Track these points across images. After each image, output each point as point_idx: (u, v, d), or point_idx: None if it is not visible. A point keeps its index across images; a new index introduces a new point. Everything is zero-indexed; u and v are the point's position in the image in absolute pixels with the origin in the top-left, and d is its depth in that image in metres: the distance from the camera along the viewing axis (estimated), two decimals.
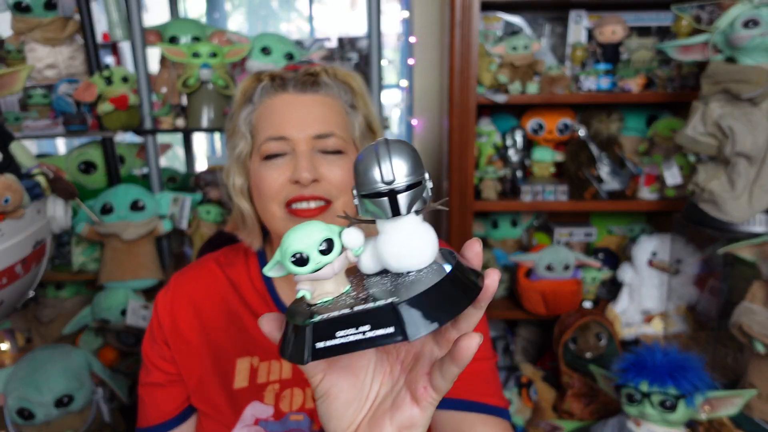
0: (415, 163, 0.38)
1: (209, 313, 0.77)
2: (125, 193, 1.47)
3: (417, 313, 0.35)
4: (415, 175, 0.37)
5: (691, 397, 0.99)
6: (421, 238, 0.39)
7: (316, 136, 0.71)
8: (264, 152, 0.72)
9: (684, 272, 1.45)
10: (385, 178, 0.37)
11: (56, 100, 1.47)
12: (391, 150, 0.37)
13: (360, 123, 0.76)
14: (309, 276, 0.39)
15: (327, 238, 0.39)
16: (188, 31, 1.65)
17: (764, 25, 1.07)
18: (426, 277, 0.38)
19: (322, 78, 0.75)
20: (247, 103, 0.76)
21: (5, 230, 0.99)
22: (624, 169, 1.57)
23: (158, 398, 0.78)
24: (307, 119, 0.71)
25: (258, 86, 0.75)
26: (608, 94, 1.51)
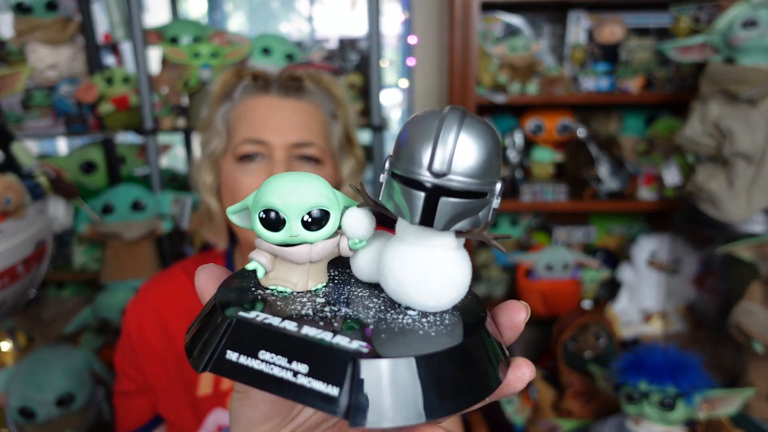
0: (488, 162, 0.25)
1: (175, 323, 0.76)
2: (126, 193, 1.48)
3: (385, 388, 0.22)
4: (480, 181, 0.25)
5: (689, 396, 1.00)
6: (446, 272, 0.27)
7: (295, 144, 0.69)
8: (239, 153, 0.69)
9: (683, 272, 1.45)
10: (435, 165, 0.25)
11: (57, 100, 1.48)
12: (462, 129, 0.25)
13: (339, 133, 0.75)
14: (274, 248, 0.28)
15: (322, 207, 0.28)
16: (189, 31, 1.65)
17: (763, 25, 1.07)
18: (429, 331, 0.26)
19: (305, 84, 0.73)
20: (226, 99, 0.74)
21: (7, 230, 0.99)
22: (623, 170, 1.58)
23: (129, 406, 0.78)
24: (287, 125, 0.69)
25: (239, 84, 0.73)
26: (607, 95, 1.52)
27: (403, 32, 2.17)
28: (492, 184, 0.26)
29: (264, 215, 0.27)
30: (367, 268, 0.30)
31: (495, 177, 0.26)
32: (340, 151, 0.75)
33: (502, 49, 1.55)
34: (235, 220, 0.31)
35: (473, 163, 0.25)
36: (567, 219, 1.80)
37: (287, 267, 0.28)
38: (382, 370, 0.22)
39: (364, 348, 0.23)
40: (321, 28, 2.66)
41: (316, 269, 0.29)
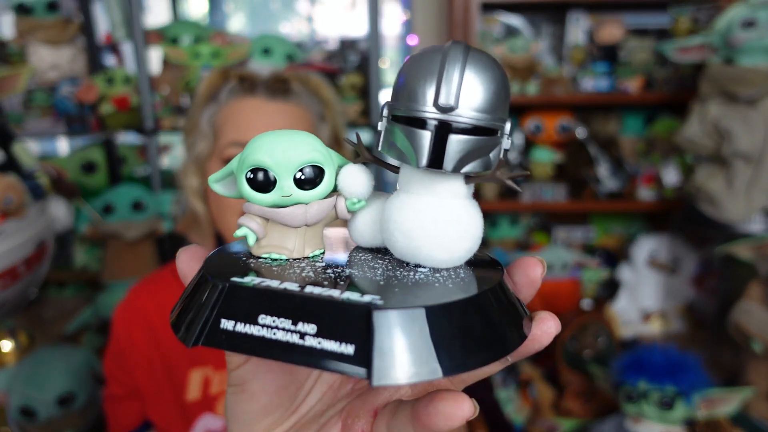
0: (497, 96, 0.23)
1: (163, 326, 0.75)
2: (126, 193, 1.48)
3: (404, 341, 0.20)
4: (490, 116, 0.23)
5: (689, 395, 1.00)
6: (459, 222, 0.24)
7: None
8: (226, 157, 0.68)
9: (682, 272, 1.45)
10: (441, 99, 0.23)
11: (58, 100, 1.48)
12: (468, 61, 0.23)
13: (327, 134, 0.74)
14: (265, 210, 0.25)
15: (315, 162, 0.25)
16: (189, 32, 1.66)
17: (762, 26, 1.08)
18: (443, 286, 0.23)
19: (292, 86, 0.72)
20: (211, 101, 0.72)
21: (8, 230, 0.99)
22: (622, 170, 1.58)
23: (119, 411, 0.77)
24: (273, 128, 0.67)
25: (225, 86, 0.72)
26: (607, 95, 1.52)
27: (403, 32, 2.17)
28: (502, 121, 0.24)
29: (252, 175, 0.25)
30: (368, 231, 0.27)
31: (504, 113, 0.24)
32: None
33: (501, 50, 1.55)
34: (219, 189, 0.29)
35: (482, 96, 0.23)
36: (566, 219, 1.81)
37: (280, 232, 0.26)
38: (399, 321, 0.20)
39: (378, 300, 0.21)
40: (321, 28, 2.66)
41: (312, 233, 0.26)
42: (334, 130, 0.75)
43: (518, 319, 0.25)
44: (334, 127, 0.75)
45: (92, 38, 1.49)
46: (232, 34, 1.65)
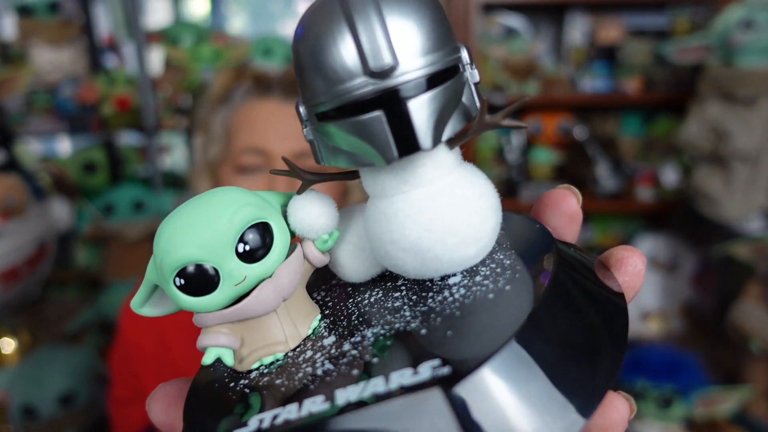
0: (436, 22, 0.17)
1: (172, 330, 0.73)
2: (127, 194, 1.48)
3: (512, 402, 0.14)
4: (441, 52, 0.17)
5: (687, 394, 1.00)
6: (466, 198, 0.18)
7: (298, 153, 0.64)
8: (239, 163, 0.65)
9: (681, 271, 1.46)
10: (372, 62, 0.16)
11: (59, 101, 1.49)
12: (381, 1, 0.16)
13: None
14: (225, 314, 0.18)
15: (255, 220, 0.18)
16: (190, 33, 1.66)
17: (760, 27, 1.08)
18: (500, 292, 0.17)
19: None
20: (225, 102, 0.69)
21: (10, 230, 1.00)
22: (621, 170, 1.58)
23: (125, 414, 0.76)
24: (289, 133, 0.64)
25: (239, 86, 0.69)
26: (606, 96, 1.53)
27: None
28: (456, 51, 0.18)
29: (182, 281, 0.18)
30: (360, 264, 0.21)
31: (453, 40, 0.18)
32: None
33: (501, 50, 1.55)
34: (150, 312, 0.21)
35: (420, 32, 0.17)
36: None
37: (260, 328, 0.19)
38: (487, 382, 0.14)
39: (442, 368, 0.14)
40: None
41: (297, 305, 0.20)
42: None
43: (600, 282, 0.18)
44: None
45: (93, 39, 1.49)
46: (233, 35, 1.65)
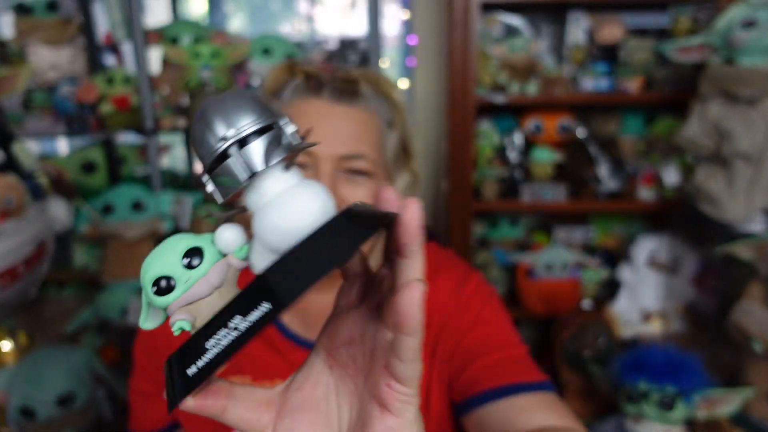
0: (256, 106, 0.29)
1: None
2: (126, 193, 1.48)
3: (294, 268, 0.26)
4: (261, 119, 0.29)
5: (689, 396, 1.00)
6: (298, 195, 0.29)
7: (343, 157, 0.63)
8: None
9: (682, 272, 1.45)
10: (221, 133, 0.28)
11: (58, 101, 1.48)
12: (221, 102, 0.29)
13: (394, 143, 0.68)
14: (180, 300, 0.30)
15: (190, 247, 0.31)
16: (189, 32, 1.65)
17: (762, 26, 1.08)
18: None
19: (361, 87, 0.67)
20: (274, 97, 0.68)
21: (8, 230, 0.99)
22: (622, 170, 1.58)
23: (149, 407, 0.75)
24: (337, 135, 0.63)
25: (290, 82, 0.68)
26: (607, 95, 1.52)
27: (403, 32, 2.17)
28: (273, 118, 0.30)
29: (156, 288, 0.30)
30: (264, 260, 0.30)
31: (272, 113, 0.30)
32: (395, 162, 0.68)
33: (501, 50, 1.55)
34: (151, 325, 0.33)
35: (246, 112, 0.29)
36: (566, 219, 1.81)
37: (205, 307, 0.30)
38: (282, 265, 0.27)
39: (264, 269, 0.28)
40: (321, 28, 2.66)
41: (227, 292, 0.31)
42: (403, 137, 0.70)
43: (383, 213, 0.29)
44: (404, 134, 0.70)
45: (92, 38, 1.48)
46: (232, 34, 1.65)
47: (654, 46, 1.51)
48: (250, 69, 1.56)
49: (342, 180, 0.63)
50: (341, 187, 0.63)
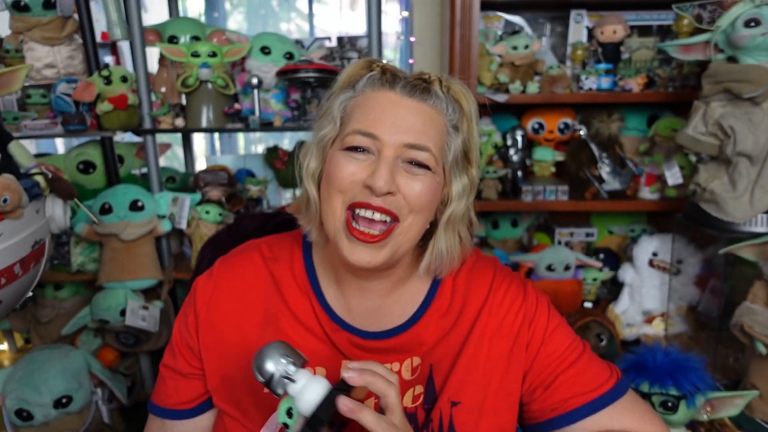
0: (286, 350, 0.57)
1: (247, 310, 0.74)
2: (124, 193, 1.47)
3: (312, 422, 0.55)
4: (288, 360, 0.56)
5: (692, 397, 0.99)
6: (310, 389, 0.55)
7: (408, 145, 0.65)
8: (347, 143, 0.66)
9: (685, 272, 1.44)
10: (270, 369, 0.56)
11: (55, 99, 1.47)
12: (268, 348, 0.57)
13: (458, 147, 0.70)
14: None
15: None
16: (187, 30, 1.64)
17: (765, 24, 1.07)
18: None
19: (433, 87, 0.69)
20: (348, 88, 0.71)
21: (4, 230, 0.98)
22: (625, 169, 1.57)
23: (180, 386, 0.76)
24: (403, 124, 0.66)
25: (366, 74, 0.70)
26: (609, 94, 1.51)
27: (403, 31, 2.16)
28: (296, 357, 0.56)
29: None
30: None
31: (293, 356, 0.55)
32: (454, 166, 0.70)
33: (502, 48, 1.54)
34: None
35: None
36: (568, 219, 1.80)
37: None
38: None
39: None
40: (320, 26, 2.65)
41: None
42: (466, 144, 0.71)
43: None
44: (468, 141, 0.71)
45: (91, 37, 1.47)
46: (231, 32, 1.64)
47: (656, 45, 1.50)
48: (249, 67, 1.55)
49: (401, 171, 0.65)
50: (399, 177, 0.65)
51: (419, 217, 0.66)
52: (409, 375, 0.71)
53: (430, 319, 0.73)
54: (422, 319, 0.73)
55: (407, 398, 0.70)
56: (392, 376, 0.57)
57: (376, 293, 0.74)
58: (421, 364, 0.72)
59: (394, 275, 0.73)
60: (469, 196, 0.72)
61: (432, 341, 0.72)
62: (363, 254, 0.65)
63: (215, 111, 1.52)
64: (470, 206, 0.72)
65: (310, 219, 0.73)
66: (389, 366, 0.70)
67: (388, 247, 0.66)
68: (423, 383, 0.71)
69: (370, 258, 0.65)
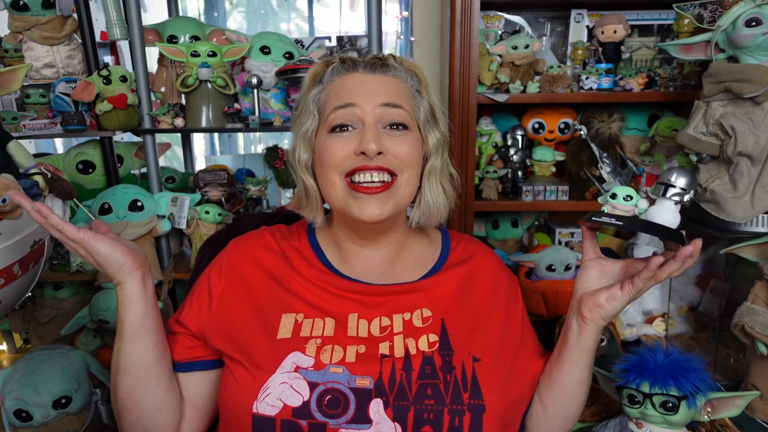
0: None
1: (263, 272, 0.80)
2: (124, 193, 1.47)
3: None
4: None
5: (692, 398, 0.99)
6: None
7: (383, 104, 0.73)
8: (330, 123, 0.74)
9: (685, 273, 1.44)
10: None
11: (54, 99, 1.47)
12: None
13: (425, 109, 0.79)
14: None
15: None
16: (187, 30, 1.64)
17: (767, 24, 1.06)
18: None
19: (390, 62, 0.79)
20: (316, 84, 0.80)
21: (3, 230, 0.98)
22: (625, 169, 1.56)
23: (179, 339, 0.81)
24: (376, 91, 0.74)
25: (328, 68, 0.79)
26: (609, 94, 1.51)
27: (403, 31, 2.16)
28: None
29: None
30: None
31: None
32: (427, 124, 0.79)
33: (502, 48, 1.53)
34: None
35: None
36: (568, 219, 1.79)
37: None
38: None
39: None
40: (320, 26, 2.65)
41: None
42: (431, 106, 0.80)
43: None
44: (431, 103, 0.80)
45: (89, 36, 1.47)
46: (230, 31, 1.63)
47: (657, 44, 1.50)
48: (249, 67, 1.55)
49: (385, 135, 0.73)
50: (385, 141, 0.72)
51: (413, 171, 0.75)
52: (420, 323, 0.76)
53: (440, 281, 0.80)
54: (431, 278, 0.80)
55: (423, 342, 0.74)
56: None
57: (382, 261, 0.81)
58: (432, 316, 0.77)
59: (396, 240, 0.81)
60: (443, 151, 0.81)
61: (442, 297, 0.79)
62: (372, 207, 0.71)
63: (215, 111, 1.52)
64: (447, 161, 0.82)
65: (312, 207, 0.81)
66: (401, 315, 0.76)
67: (393, 198, 0.73)
68: (437, 333, 0.75)
69: (379, 210, 0.72)
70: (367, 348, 0.72)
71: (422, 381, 0.70)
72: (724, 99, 1.15)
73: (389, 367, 0.70)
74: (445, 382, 0.70)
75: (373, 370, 0.70)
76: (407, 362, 0.71)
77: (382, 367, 0.70)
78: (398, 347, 0.73)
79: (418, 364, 0.71)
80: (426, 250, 0.85)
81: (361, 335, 0.74)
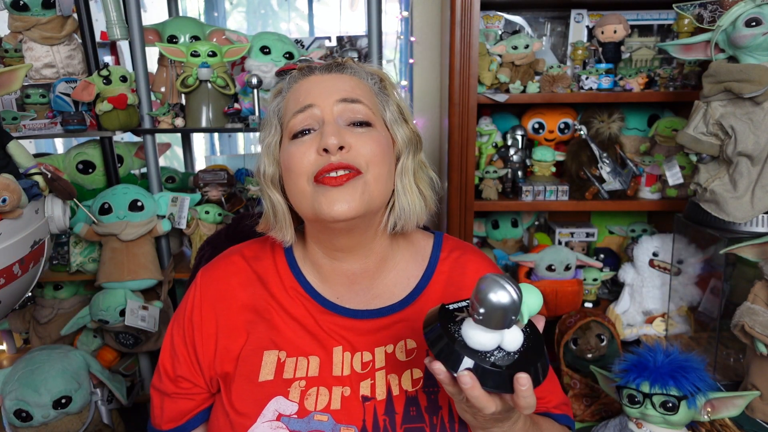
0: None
1: (240, 305, 0.75)
2: (124, 193, 1.47)
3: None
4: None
5: (692, 398, 0.99)
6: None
7: (341, 99, 0.71)
8: (291, 130, 0.71)
9: (685, 273, 1.44)
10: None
11: (54, 99, 1.47)
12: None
13: (393, 109, 0.76)
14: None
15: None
16: (187, 30, 1.64)
17: (766, 24, 1.06)
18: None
19: (348, 64, 0.77)
20: (277, 96, 0.78)
21: (3, 230, 0.98)
22: (625, 169, 1.57)
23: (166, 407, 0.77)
24: (333, 87, 0.72)
25: (286, 78, 0.78)
26: (609, 94, 1.51)
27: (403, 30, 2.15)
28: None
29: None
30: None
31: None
32: (394, 123, 0.76)
33: (502, 48, 1.53)
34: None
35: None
36: (568, 219, 1.79)
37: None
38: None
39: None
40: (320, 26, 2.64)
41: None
42: (399, 105, 0.77)
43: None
44: (399, 103, 0.77)
45: (90, 36, 1.47)
46: (230, 31, 1.63)
47: (657, 44, 1.50)
48: (249, 67, 1.55)
49: (346, 131, 0.69)
50: (348, 137, 0.69)
51: (381, 169, 0.70)
52: (404, 357, 0.72)
53: (424, 304, 0.75)
54: (415, 303, 0.75)
55: (406, 379, 0.70)
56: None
57: (363, 277, 0.76)
58: (416, 348, 0.72)
59: (373, 252, 0.76)
60: (415, 150, 0.77)
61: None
62: (341, 202, 0.66)
63: (215, 111, 1.52)
64: (423, 162, 0.78)
65: (280, 225, 0.76)
66: (383, 348, 0.72)
67: (362, 193, 0.68)
68: (421, 368, 0.71)
69: (347, 205, 0.67)
70: (351, 390, 0.69)
71: (407, 425, 0.66)
72: (724, 99, 1.15)
73: (371, 413, 0.67)
74: (431, 426, 0.67)
75: (357, 418, 0.67)
76: (389, 405, 0.68)
77: (365, 414, 0.67)
78: (380, 387, 0.69)
79: (401, 406, 0.68)
80: (410, 264, 0.79)
81: (345, 374, 0.70)
